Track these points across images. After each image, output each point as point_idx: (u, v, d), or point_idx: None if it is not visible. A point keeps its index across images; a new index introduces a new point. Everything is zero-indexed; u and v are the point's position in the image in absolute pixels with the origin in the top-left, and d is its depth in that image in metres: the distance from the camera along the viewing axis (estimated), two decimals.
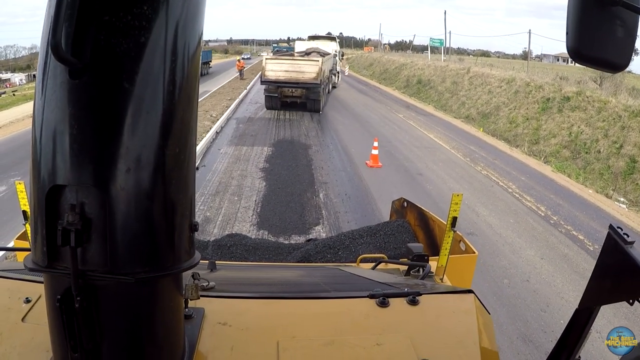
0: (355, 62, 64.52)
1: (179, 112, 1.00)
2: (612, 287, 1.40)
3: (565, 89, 19.45)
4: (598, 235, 9.47)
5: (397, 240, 4.29)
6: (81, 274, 0.94)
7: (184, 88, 1.00)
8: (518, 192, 12.30)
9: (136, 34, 0.91)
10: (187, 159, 1.04)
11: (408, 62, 44.30)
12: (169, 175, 1.00)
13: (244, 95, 30.47)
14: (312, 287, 2.11)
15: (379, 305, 1.61)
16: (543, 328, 6.32)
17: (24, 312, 1.46)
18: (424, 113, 26.55)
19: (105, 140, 0.92)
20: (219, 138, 17.75)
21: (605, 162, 14.44)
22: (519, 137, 18.92)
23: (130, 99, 0.92)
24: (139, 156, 0.94)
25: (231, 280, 2.20)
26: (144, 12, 0.91)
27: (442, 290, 1.90)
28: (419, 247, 3.02)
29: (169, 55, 0.96)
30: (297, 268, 3.05)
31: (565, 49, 1.15)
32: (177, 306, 1.16)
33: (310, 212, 10.28)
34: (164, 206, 1.01)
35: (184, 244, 1.08)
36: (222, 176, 12.71)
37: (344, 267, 2.75)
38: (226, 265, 2.76)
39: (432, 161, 15.22)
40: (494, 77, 26.17)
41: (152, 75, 0.94)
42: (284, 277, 2.52)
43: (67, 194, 0.94)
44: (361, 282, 2.18)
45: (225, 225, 9.19)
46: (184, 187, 1.05)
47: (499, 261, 8.21)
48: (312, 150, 16.07)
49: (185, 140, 1.03)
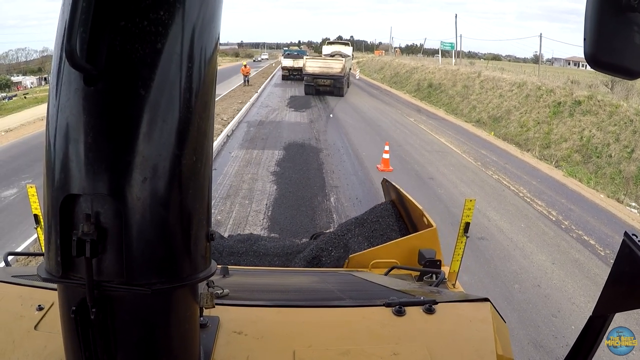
0: (366, 65, 64.50)
1: (196, 120, 0.98)
2: (627, 295, 1.40)
3: (576, 93, 19.37)
4: (609, 241, 9.43)
5: (382, 226, 4.25)
6: (96, 285, 0.93)
7: (200, 95, 0.98)
8: (529, 196, 12.26)
9: (152, 40, 0.90)
10: (203, 167, 1.02)
11: (419, 65, 44.22)
12: (185, 184, 0.98)
13: (255, 98, 30.54)
14: (326, 294, 2.10)
15: (395, 314, 1.60)
16: (554, 334, 6.30)
17: (36, 320, 1.44)
18: (434, 117, 26.50)
19: (121, 148, 0.90)
20: (230, 141, 17.82)
21: (617, 166, 14.37)
22: (530, 141, 18.86)
23: (146, 106, 0.91)
24: (155, 165, 0.93)
25: (244, 286, 2.20)
26: (160, 17, 0.89)
27: (457, 299, 1.87)
28: (432, 252, 3.03)
29: (185, 61, 0.94)
30: (310, 274, 3.03)
31: (583, 54, 1.16)
32: (193, 316, 1.15)
33: (321, 215, 10.31)
34: (180, 215, 0.99)
35: (201, 253, 1.06)
36: (233, 180, 12.76)
37: (357, 273, 2.76)
38: (238, 271, 2.77)
39: (443, 165, 15.20)
40: (505, 81, 26.09)
41: (168, 82, 0.92)
42: (297, 284, 2.51)
43: (82, 203, 0.92)
44: (375, 290, 2.18)
45: (236, 229, 9.23)
46: (200, 195, 1.03)
47: (510, 266, 8.20)
48: (324, 154, 16.09)
49: (201, 148, 1.01)
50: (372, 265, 3.11)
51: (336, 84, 32.88)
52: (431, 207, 10.78)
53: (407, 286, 2.23)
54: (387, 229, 4.17)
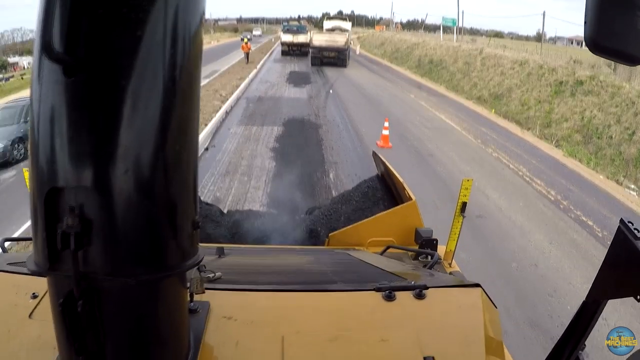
0: (367, 41, 63.98)
1: (179, 108, 0.95)
2: (620, 282, 1.40)
3: (578, 73, 19.20)
4: (607, 222, 9.45)
5: (369, 201, 4.23)
6: (83, 277, 0.92)
7: (183, 82, 0.95)
8: (529, 175, 12.25)
9: (132, 27, 0.86)
10: (188, 155, 1.00)
11: (420, 41, 43.82)
12: (169, 173, 0.96)
13: (254, 74, 30.33)
14: (319, 276, 2.08)
15: (385, 299, 1.60)
16: (550, 313, 6.34)
17: (30, 308, 1.44)
18: (435, 93, 26.36)
19: (102, 140, 0.88)
20: (229, 118, 17.73)
21: (617, 148, 14.32)
22: (531, 120, 18.77)
23: (127, 96, 0.88)
24: (138, 155, 0.90)
25: (237, 268, 2.18)
26: (140, 3, 0.86)
27: (449, 284, 1.86)
28: (428, 232, 3.02)
29: (167, 49, 0.91)
30: (306, 253, 3.02)
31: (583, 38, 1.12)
32: (181, 303, 1.15)
33: (320, 192, 10.29)
34: (165, 206, 0.98)
35: (187, 242, 1.05)
36: (232, 156, 12.73)
37: (353, 252, 2.75)
38: (234, 250, 2.75)
39: (442, 142, 15.15)
40: (506, 59, 25.86)
41: (149, 71, 0.89)
42: (291, 265, 2.50)
43: (66, 195, 0.90)
44: (369, 272, 2.16)
45: (235, 206, 9.23)
46: (185, 184, 1.02)
47: (508, 245, 8.22)
48: (323, 130, 16.03)
49: (185, 137, 0.99)
50: (369, 244, 3.11)
51: (340, 56, 36.07)
52: (430, 184, 10.82)
53: (400, 268, 2.22)
54: (373, 204, 4.16)
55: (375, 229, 3.14)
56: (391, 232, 3.14)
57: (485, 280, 5.92)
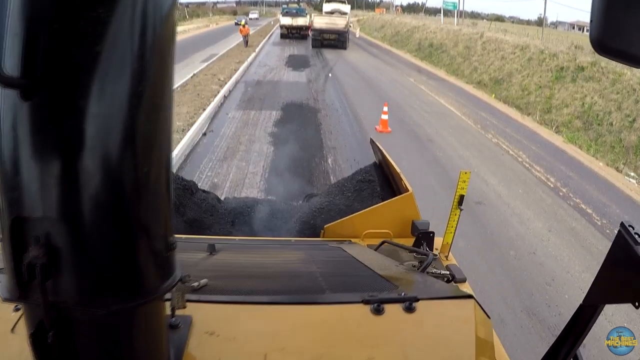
0: (367, 24, 63.58)
1: (147, 126, 0.88)
2: (619, 287, 1.37)
3: (580, 59, 19.08)
4: (607, 210, 9.43)
5: (364, 191, 4.18)
6: (53, 306, 0.86)
7: (151, 97, 0.88)
8: (528, 161, 12.19)
9: (91, 43, 0.79)
10: (159, 175, 0.93)
11: (420, 25, 43.55)
12: (139, 196, 0.90)
13: (253, 57, 30.12)
14: (307, 282, 1.96)
15: (373, 313, 1.53)
16: (547, 302, 6.33)
17: (13, 322, 1.36)
18: (435, 77, 26.22)
19: (66, 165, 0.82)
20: (227, 102, 17.59)
21: (617, 135, 14.26)
22: (531, 105, 18.68)
23: (90, 117, 0.81)
24: (104, 179, 0.84)
25: (226, 270, 2.10)
26: (99, 16, 0.78)
27: (440, 295, 1.80)
28: (425, 224, 2.97)
29: (133, 67, 0.83)
30: (299, 246, 2.95)
31: (589, 39, 1.05)
32: (159, 324, 1.09)
33: (318, 177, 10.25)
34: (136, 230, 0.91)
35: (161, 266, 0.99)
36: (230, 141, 12.63)
37: (347, 247, 2.69)
38: (227, 244, 2.69)
39: (442, 127, 15.07)
40: (507, 43, 25.70)
41: (114, 93, 0.82)
42: (281, 265, 2.40)
43: (31, 224, 0.85)
44: (360, 276, 2.07)
45: (232, 192, 9.19)
46: (158, 205, 0.95)
47: (507, 232, 8.19)
48: (322, 114, 15.92)
49: (156, 156, 0.92)
50: (365, 236, 3.06)
51: (340, 38, 36.99)
52: (429, 170, 10.78)
53: (393, 270, 2.14)
54: (369, 195, 4.11)
55: (371, 220, 3.09)
56: (387, 224, 3.08)
57: (483, 268, 5.94)
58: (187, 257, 2.24)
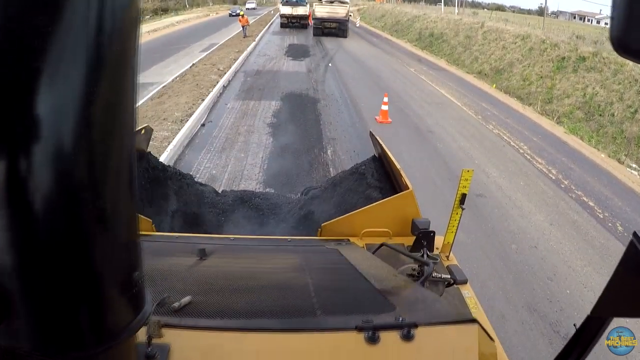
0: (367, 13, 63.23)
1: (99, 156, 0.75)
2: (629, 301, 1.27)
3: (581, 49, 18.93)
4: (609, 203, 9.35)
5: (361, 187, 4.07)
6: (8, 352, 0.76)
7: (102, 126, 0.74)
8: (529, 153, 12.09)
9: (42, 23, 0.66)
10: (119, 207, 0.79)
11: (421, 14, 43.33)
12: (99, 228, 0.77)
13: (252, 47, 29.91)
14: (298, 301, 1.79)
15: (367, 342, 1.40)
16: (549, 297, 6.26)
17: None
18: (436, 67, 26.05)
19: (11, 195, 0.69)
20: (226, 92, 17.43)
21: (619, 126, 14.15)
22: (532, 96, 18.55)
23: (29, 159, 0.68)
24: (54, 211, 0.71)
25: (212, 283, 1.93)
26: None
27: (442, 319, 1.66)
28: (426, 223, 2.88)
29: (89, 53, 0.70)
30: (294, 248, 2.81)
31: (609, 37, 0.95)
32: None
33: (318, 169, 10.15)
34: (96, 267, 0.78)
35: (126, 305, 0.86)
36: (229, 132, 12.51)
37: (344, 249, 2.59)
38: (218, 245, 2.59)
39: (443, 118, 14.95)
40: (508, 33, 25.52)
41: (64, 90, 0.69)
42: (273, 274, 2.22)
43: None
44: (355, 290, 1.93)
45: (231, 184, 9.09)
46: (121, 236, 0.82)
47: (508, 225, 8.11)
48: (321, 105, 15.78)
49: (116, 187, 0.78)
50: (363, 234, 2.97)
51: (341, 27, 37.90)
52: (430, 162, 10.69)
53: (392, 282, 2.01)
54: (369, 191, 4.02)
55: (370, 219, 3.00)
56: (387, 223, 3.00)
57: (485, 263, 5.84)
58: (176, 262, 2.15)
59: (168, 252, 2.47)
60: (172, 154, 10.20)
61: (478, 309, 2.33)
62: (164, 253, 2.42)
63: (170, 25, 50.74)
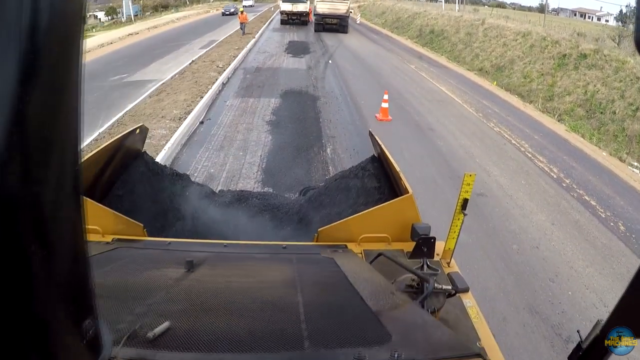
0: (368, 10, 63.02)
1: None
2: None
3: (582, 46, 18.84)
4: (610, 202, 9.26)
5: (358, 189, 3.97)
6: None
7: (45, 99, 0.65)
8: (531, 151, 11.99)
9: None
10: (64, 256, 0.70)
11: (421, 11, 43.22)
12: (37, 279, 0.66)
13: (252, 44, 29.80)
14: (286, 325, 1.62)
15: None
16: (551, 299, 6.17)
17: None
18: (436, 64, 25.93)
19: None
20: (225, 89, 17.33)
21: (620, 124, 14.07)
22: (533, 93, 18.45)
23: None
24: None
25: (197, 302, 1.79)
26: None
27: (443, 355, 1.53)
28: (426, 228, 2.79)
29: (22, 46, 0.62)
30: (288, 257, 2.67)
31: (634, 40, 0.86)
32: None
33: (317, 168, 10.06)
34: (37, 315, 0.67)
35: (79, 356, 0.76)
36: (228, 130, 12.42)
37: (340, 259, 2.48)
38: (209, 254, 2.47)
39: (443, 115, 14.86)
40: (509, 30, 25.42)
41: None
42: (262, 296, 1.94)
43: None
44: (349, 314, 1.77)
45: (229, 182, 9.00)
46: (67, 282, 0.71)
47: (509, 225, 8.02)
48: (321, 102, 15.69)
49: (59, 221, 0.68)
50: (362, 240, 2.87)
51: (341, 22, 38.80)
52: (430, 160, 10.60)
53: (389, 302, 1.87)
54: (365, 191, 3.92)
55: (368, 223, 2.90)
56: (385, 228, 2.90)
57: (485, 263, 5.75)
58: (161, 275, 2.05)
59: (155, 262, 2.37)
60: (169, 152, 10.11)
61: (480, 319, 2.24)
62: (150, 263, 2.32)
63: (170, 22, 50.70)
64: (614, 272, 6.83)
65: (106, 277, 1.87)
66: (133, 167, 4.06)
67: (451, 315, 2.22)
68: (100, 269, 2.01)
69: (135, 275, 2.00)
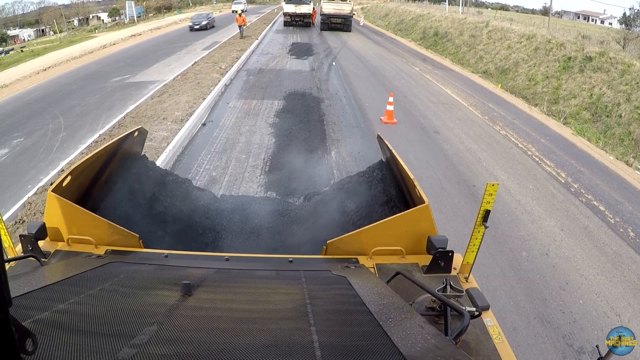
0: (371, 12, 62.91)
1: None
2: None
3: (587, 49, 18.66)
4: (619, 207, 9.09)
5: (367, 197, 3.82)
6: None
7: None
8: (538, 155, 11.82)
9: None
10: None
11: (425, 13, 43.13)
12: None
13: (255, 45, 29.67)
14: None
15: None
16: (562, 308, 6.01)
17: None
18: (440, 66, 25.76)
19: None
20: (228, 91, 17.19)
21: (627, 127, 13.89)
22: (538, 96, 18.28)
23: None
24: None
25: (189, 341, 1.48)
26: None
27: None
28: (443, 241, 2.64)
29: None
30: (296, 273, 2.45)
31: None
32: None
33: (321, 172, 9.89)
34: None
35: None
36: (230, 132, 12.28)
37: (354, 276, 2.29)
38: (209, 273, 2.26)
39: (449, 118, 14.70)
40: (513, 32, 25.26)
41: None
42: (264, 328, 1.63)
43: None
44: (368, 352, 1.44)
45: (231, 186, 8.85)
46: None
47: (518, 231, 7.86)
48: (325, 104, 15.54)
49: None
50: (374, 253, 2.72)
51: (346, 22, 41.22)
52: (437, 164, 10.44)
53: (417, 334, 1.53)
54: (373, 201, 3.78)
55: (381, 235, 2.73)
56: (399, 240, 2.74)
57: (495, 271, 5.61)
58: (153, 302, 1.85)
59: (149, 283, 2.18)
60: (171, 155, 9.98)
61: (502, 340, 2.10)
62: (143, 284, 2.13)
63: (173, 23, 50.68)
64: (625, 279, 6.66)
65: (92, 303, 1.72)
66: (131, 171, 3.92)
67: (471, 337, 2.07)
68: (88, 290, 1.85)
69: (124, 303, 1.81)
